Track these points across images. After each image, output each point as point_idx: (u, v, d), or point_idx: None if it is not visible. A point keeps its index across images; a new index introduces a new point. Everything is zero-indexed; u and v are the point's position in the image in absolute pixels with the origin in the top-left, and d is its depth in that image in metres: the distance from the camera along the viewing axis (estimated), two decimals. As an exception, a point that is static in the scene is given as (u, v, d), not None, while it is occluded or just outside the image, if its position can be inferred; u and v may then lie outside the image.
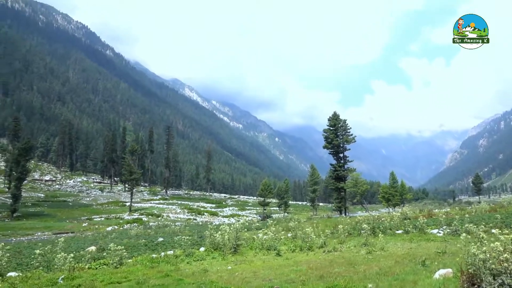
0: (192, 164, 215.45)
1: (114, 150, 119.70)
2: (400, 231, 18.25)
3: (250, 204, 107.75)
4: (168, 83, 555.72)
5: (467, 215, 19.52)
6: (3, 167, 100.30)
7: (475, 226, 13.68)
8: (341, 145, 58.50)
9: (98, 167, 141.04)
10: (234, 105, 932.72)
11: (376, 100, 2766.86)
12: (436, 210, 35.21)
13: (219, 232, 16.22)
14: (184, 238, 17.34)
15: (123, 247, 14.38)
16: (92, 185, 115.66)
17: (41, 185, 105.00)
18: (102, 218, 58.81)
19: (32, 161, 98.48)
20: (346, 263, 11.31)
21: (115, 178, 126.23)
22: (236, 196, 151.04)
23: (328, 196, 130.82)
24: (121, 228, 48.08)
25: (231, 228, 15.90)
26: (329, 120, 59.27)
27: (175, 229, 38.10)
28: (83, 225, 50.65)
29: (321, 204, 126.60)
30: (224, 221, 62.14)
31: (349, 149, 59.39)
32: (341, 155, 59.19)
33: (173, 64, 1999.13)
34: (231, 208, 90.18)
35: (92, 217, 59.55)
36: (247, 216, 73.26)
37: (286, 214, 77.24)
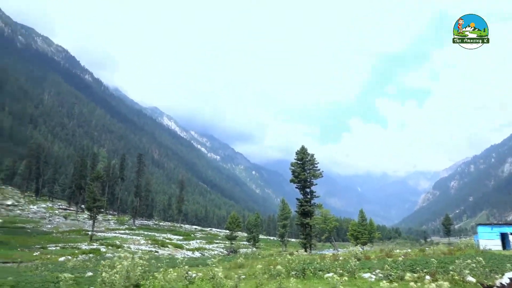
0: (165, 194, 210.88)
1: (83, 176, 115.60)
2: (330, 274, 17.24)
3: (219, 237, 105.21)
4: (147, 111, 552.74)
5: (400, 258, 18.99)
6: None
7: (410, 272, 13.09)
8: (308, 179, 57.87)
9: (66, 194, 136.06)
10: (213, 136, 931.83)
11: (353, 138, 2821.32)
12: (398, 250, 34.77)
13: (114, 269, 14.27)
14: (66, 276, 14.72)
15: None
16: (57, 211, 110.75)
17: (1, 209, 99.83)
18: (58, 247, 55.63)
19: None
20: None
21: (82, 206, 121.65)
22: (208, 229, 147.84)
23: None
24: (75, 258, 45.50)
25: (127, 265, 14.11)
26: (296, 153, 58.96)
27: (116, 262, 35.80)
28: (34, 254, 47.63)
29: (293, 239, 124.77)
30: (188, 255, 60.16)
31: (316, 184, 58.65)
32: (308, 189, 58.42)
33: (154, 92, 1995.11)
34: (198, 241, 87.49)
35: (48, 246, 56.24)
36: (213, 250, 71.24)
37: (254, 249, 75.42)
